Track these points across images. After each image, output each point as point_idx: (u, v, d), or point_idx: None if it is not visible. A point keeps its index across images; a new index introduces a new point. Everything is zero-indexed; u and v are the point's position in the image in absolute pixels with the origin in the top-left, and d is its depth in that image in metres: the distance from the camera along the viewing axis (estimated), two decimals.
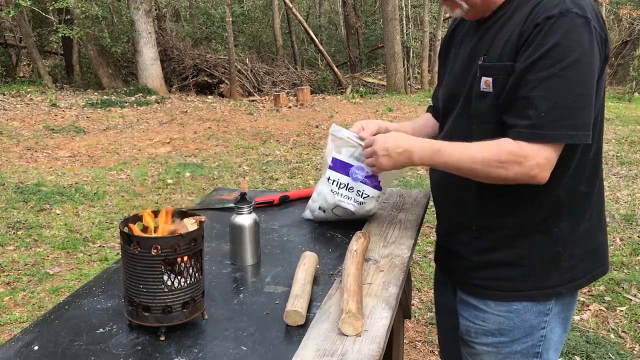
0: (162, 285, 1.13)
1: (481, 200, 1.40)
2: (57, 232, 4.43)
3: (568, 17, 1.23)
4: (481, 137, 1.32)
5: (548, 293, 1.41)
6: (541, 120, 1.23)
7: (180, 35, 15.00)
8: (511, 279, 1.41)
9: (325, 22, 21.05)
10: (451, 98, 1.48)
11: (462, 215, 1.46)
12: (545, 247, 1.39)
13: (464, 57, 1.45)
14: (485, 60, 1.34)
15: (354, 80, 13.96)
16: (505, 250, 1.40)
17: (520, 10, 1.32)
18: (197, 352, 1.10)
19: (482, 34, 1.40)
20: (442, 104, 1.54)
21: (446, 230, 1.56)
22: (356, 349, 1.08)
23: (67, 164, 6.57)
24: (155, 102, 11.08)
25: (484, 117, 1.35)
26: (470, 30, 1.47)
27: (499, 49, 1.32)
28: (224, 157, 6.96)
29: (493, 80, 1.31)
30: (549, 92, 1.23)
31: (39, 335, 1.16)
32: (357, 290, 1.22)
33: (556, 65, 1.22)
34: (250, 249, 1.50)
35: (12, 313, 3.24)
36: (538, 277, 1.40)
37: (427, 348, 2.89)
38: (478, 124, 1.37)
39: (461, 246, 1.48)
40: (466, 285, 1.49)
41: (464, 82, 1.41)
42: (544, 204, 1.36)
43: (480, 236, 1.43)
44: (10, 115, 9.24)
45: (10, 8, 11.33)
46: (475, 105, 1.36)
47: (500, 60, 1.31)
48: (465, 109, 1.40)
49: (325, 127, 8.79)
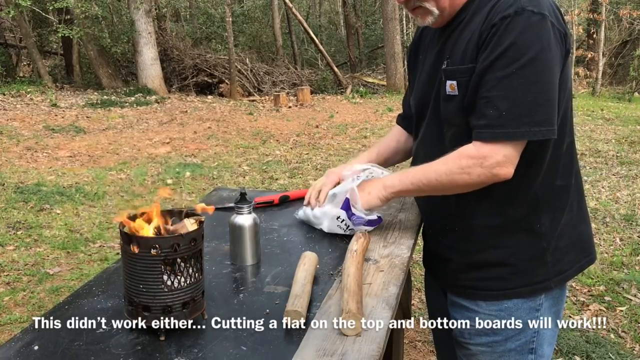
0: (162, 285, 1.13)
1: (461, 202, 1.42)
2: (57, 232, 4.43)
3: (523, 16, 1.24)
4: (453, 140, 1.35)
5: (537, 288, 1.42)
6: (501, 119, 1.25)
7: (180, 35, 15.00)
8: (499, 278, 1.42)
9: (325, 22, 21.05)
10: (422, 104, 1.50)
11: (444, 218, 1.49)
12: (529, 244, 1.40)
13: (430, 62, 1.46)
14: (449, 64, 1.36)
15: (354, 80, 13.96)
16: (490, 250, 1.42)
17: (480, 12, 1.33)
18: (197, 352, 1.10)
19: (445, 39, 1.42)
20: (414, 110, 1.56)
21: (431, 234, 1.58)
22: (356, 349, 1.08)
23: (67, 164, 6.57)
24: (155, 102, 11.08)
25: (453, 120, 1.37)
26: (435, 35, 1.49)
27: (461, 51, 1.34)
28: (224, 157, 6.96)
29: (457, 83, 1.33)
30: (508, 91, 1.25)
31: (39, 335, 1.16)
32: (357, 290, 1.21)
33: (513, 64, 1.24)
34: (250, 249, 1.50)
35: (12, 313, 3.24)
36: (525, 273, 1.41)
37: (427, 348, 2.89)
38: (449, 127, 1.40)
39: (447, 249, 1.51)
40: (456, 287, 1.51)
41: (431, 87, 1.43)
42: (523, 201, 1.38)
43: (464, 238, 1.45)
44: (10, 115, 9.24)
45: (10, 8, 11.34)
46: (443, 109, 1.39)
47: (462, 62, 1.33)
48: (435, 114, 1.43)
49: (325, 127, 8.79)
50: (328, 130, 8.58)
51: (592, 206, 4.95)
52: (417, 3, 1.38)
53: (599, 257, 3.91)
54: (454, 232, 1.47)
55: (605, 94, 13.18)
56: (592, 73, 13.92)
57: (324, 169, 6.31)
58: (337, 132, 8.38)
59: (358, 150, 7.14)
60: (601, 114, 9.48)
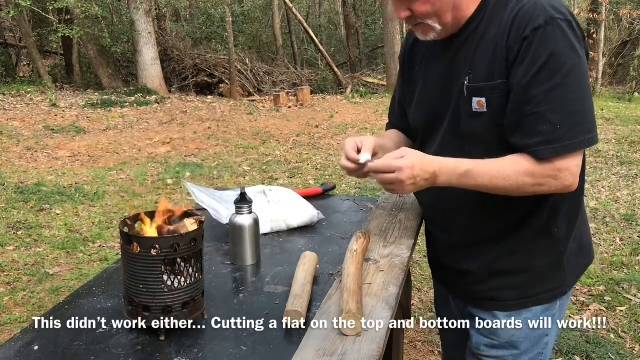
0: (162, 285, 1.13)
1: (482, 215, 1.39)
2: (57, 232, 4.43)
3: (554, 24, 1.22)
4: (475, 157, 1.30)
5: (555, 294, 1.41)
6: (557, 132, 1.21)
7: (180, 35, 15.00)
8: (518, 287, 1.40)
9: (325, 22, 21.04)
10: (431, 119, 1.44)
11: (463, 232, 1.44)
12: (548, 249, 1.39)
13: (438, 75, 1.40)
14: (472, 80, 1.31)
15: (354, 80, 13.95)
16: (510, 258, 1.39)
17: (494, 21, 1.29)
18: (197, 352, 1.10)
19: (456, 51, 1.36)
20: (420, 124, 1.50)
21: (446, 249, 1.52)
22: (356, 349, 1.08)
23: (67, 164, 6.57)
24: (155, 102, 11.08)
25: (479, 137, 1.33)
26: (435, 45, 1.42)
27: (485, 67, 1.29)
28: (224, 157, 6.96)
29: (487, 100, 1.28)
30: (557, 103, 1.21)
31: (39, 335, 1.16)
32: (357, 290, 1.21)
33: (557, 75, 1.21)
34: (250, 249, 1.50)
35: (12, 313, 3.24)
36: (544, 280, 1.40)
37: (427, 348, 2.89)
38: (471, 144, 1.35)
39: (464, 261, 1.46)
40: (473, 299, 1.48)
41: (446, 103, 1.38)
42: (544, 206, 1.35)
43: (483, 249, 1.41)
44: (10, 115, 9.24)
45: (10, 8, 11.34)
46: (466, 126, 1.34)
47: (489, 79, 1.28)
48: (454, 130, 1.37)
49: (325, 127, 8.79)
50: (328, 130, 8.58)
51: (592, 206, 4.95)
52: (418, 20, 1.33)
53: (599, 257, 3.91)
54: (472, 244, 1.43)
55: (605, 94, 13.17)
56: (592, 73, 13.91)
57: (324, 169, 6.31)
58: (337, 132, 8.38)
59: None
60: (601, 114, 9.48)
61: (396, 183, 1.27)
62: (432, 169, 1.28)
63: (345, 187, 5.61)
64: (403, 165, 1.26)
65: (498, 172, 1.26)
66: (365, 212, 1.89)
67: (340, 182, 5.74)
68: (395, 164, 1.27)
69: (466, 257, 1.45)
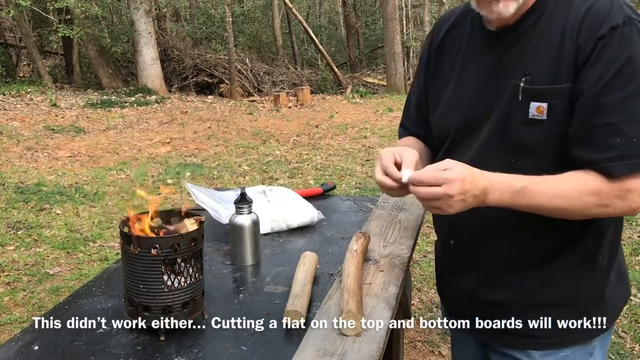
0: (162, 285, 1.13)
1: (522, 238, 1.22)
2: (57, 232, 4.43)
3: (632, 25, 1.07)
4: (523, 172, 1.12)
5: (596, 331, 1.26)
6: (632, 147, 1.06)
7: (180, 35, 15.00)
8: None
9: (325, 22, 21.04)
10: (467, 125, 1.25)
11: (499, 258, 1.25)
12: (591, 280, 1.24)
13: (480, 74, 1.23)
14: (529, 82, 1.13)
15: (354, 80, 13.95)
16: (550, 288, 1.23)
17: (558, 16, 1.13)
18: (197, 352, 1.10)
19: (507, 47, 1.18)
20: (451, 132, 1.29)
21: (474, 279, 1.30)
22: (356, 349, 1.08)
23: (67, 164, 6.57)
24: (155, 102, 11.08)
25: (532, 148, 1.15)
26: (476, 41, 1.25)
27: (547, 67, 1.12)
28: (224, 157, 6.96)
29: (548, 106, 1.11)
30: (633, 114, 1.06)
31: (39, 335, 1.16)
32: (357, 290, 1.21)
33: (633, 82, 1.06)
34: (250, 249, 1.50)
35: (12, 313, 3.24)
36: (585, 313, 1.24)
37: (427, 348, 2.89)
38: (521, 156, 1.16)
39: (496, 292, 1.27)
40: (504, 336, 1.29)
41: (488, 107, 1.20)
42: (591, 230, 1.20)
43: (520, 278, 1.24)
44: (10, 115, 9.24)
45: (10, 8, 11.34)
46: (518, 135, 1.15)
47: (553, 81, 1.11)
48: (498, 139, 1.19)
49: (325, 127, 8.79)
50: (328, 130, 8.58)
51: None
52: None
53: None
54: (509, 272, 1.25)
55: None
56: None
57: (324, 169, 6.31)
58: (337, 132, 8.37)
59: (358, 150, 7.15)
60: None
61: (443, 198, 1.07)
62: (483, 184, 1.08)
63: (345, 187, 5.61)
64: (453, 177, 1.05)
65: (559, 191, 1.09)
66: (365, 212, 1.89)
67: (340, 182, 5.74)
68: (443, 175, 1.06)
69: (499, 287, 1.26)
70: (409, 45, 14.87)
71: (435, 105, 1.34)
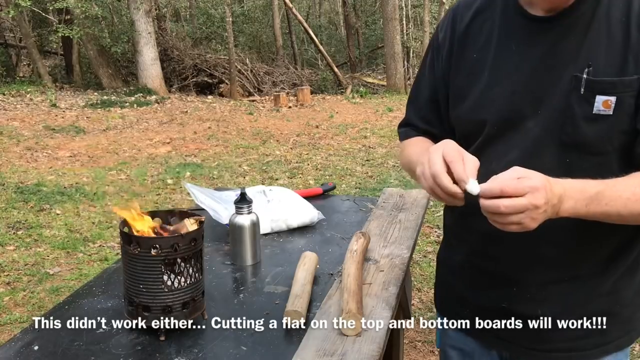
0: (162, 285, 1.13)
1: (578, 247, 1.11)
2: (57, 232, 4.43)
3: None
4: (580, 174, 1.00)
5: (633, 336, 1.19)
6: None
7: (180, 35, 15.00)
8: (600, 332, 1.15)
9: (325, 22, 21.04)
10: (508, 121, 1.11)
11: (548, 270, 1.14)
12: (631, 285, 1.17)
13: (525, 64, 1.09)
14: (593, 73, 1.02)
15: (354, 80, 13.96)
16: (599, 299, 1.14)
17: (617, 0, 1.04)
18: (197, 352, 1.10)
19: (561, 33, 1.06)
20: (487, 128, 1.14)
21: (516, 293, 1.18)
22: (356, 349, 1.08)
23: (67, 164, 6.57)
24: (155, 102, 11.08)
25: (594, 147, 1.05)
26: (514, 27, 1.12)
27: (612, 57, 1.03)
28: (224, 157, 6.96)
29: (616, 100, 1.01)
30: None
31: (39, 335, 1.16)
32: (357, 290, 1.21)
33: None
34: (250, 249, 1.50)
35: (12, 313, 3.24)
36: (625, 320, 1.17)
37: (427, 348, 2.89)
38: (579, 155, 1.06)
39: (540, 306, 1.16)
40: (541, 352, 1.19)
41: (536, 100, 1.08)
42: (638, 234, 1.13)
43: (569, 290, 1.14)
44: (10, 115, 9.24)
45: (10, 8, 11.34)
46: (577, 132, 1.04)
47: (622, 73, 1.01)
48: (550, 137, 1.07)
49: (325, 127, 8.79)
50: (328, 130, 8.58)
51: None
52: None
53: None
54: (557, 284, 1.14)
55: None
56: None
57: (324, 169, 6.31)
58: (337, 132, 8.37)
59: (358, 150, 7.15)
60: None
61: (529, 210, 0.91)
62: (558, 191, 0.95)
63: (345, 187, 5.61)
64: (538, 185, 0.91)
65: (634, 194, 0.98)
66: (365, 212, 1.89)
67: (340, 182, 5.74)
68: (526, 184, 0.91)
69: (542, 300, 1.16)
70: (409, 45, 14.87)
71: (460, 98, 1.18)
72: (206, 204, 1.73)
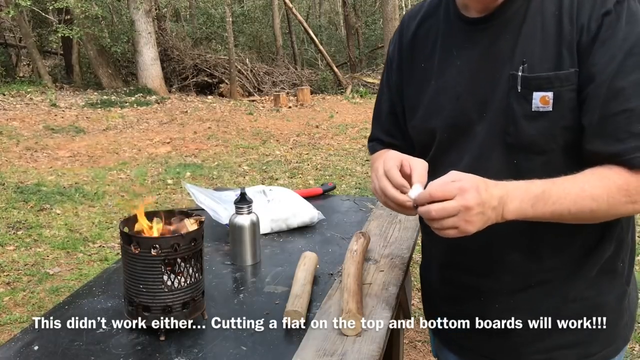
0: (162, 285, 1.13)
1: (538, 251, 1.08)
2: (57, 232, 4.43)
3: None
4: (530, 175, 0.97)
5: (619, 345, 1.14)
6: None
7: (180, 35, 15.00)
8: (582, 343, 1.10)
9: (325, 22, 21.04)
10: (457, 127, 1.09)
11: (516, 278, 1.10)
12: (614, 290, 1.12)
13: (465, 67, 1.08)
14: (529, 69, 0.99)
15: (354, 80, 13.95)
16: (571, 306, 1.09)
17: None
18: (197, 352, 1.10)
19: (495, 34, 1.04)
20: (437, 136, 1.13)
21: (486, 304, 1.14)
22: (356, 349, 1.08)
23: (67, 164, 6.57)
24: (155, 102, 11.08)
25: (539, 146, 1.01)
26: (455, 31, 1.11)
27: (548, 52, 0.99)
28: (224, 157, 6.96)
29: (554, 95, 0.98)
30: None
31: (39, 335, 1.16)
32: (357, 290, 1.21)
33: None
34: (250, 249, 1.50)
35: (12, 313, 3.24)
36: (610, 328, 1.10)
37: (427, 348, 2.89)
38: (526, 155, 1.02)
39: (509, 315, 1.11)
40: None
41: (480, 103, 1.05)
42: (612, 235, 1.08)
43: (537, 297, 1.10)
44: (10, 115, 9.24)
45: (10, 8, 11.34)
46: (520, 132, 1.01)
47: (557, 67, 0.98)
48: (496, 139, 1.04)
49: (325, 127, 8.79)
50: (328, 130, 8.58)
51: None
52: None
53: None
54: (525, 291, 1.10)
55: None
56: None
57: (324, 169, 6.31)
58: (337, 132, 8.37)
59: (358, 150, 7.15)
60: None
61: (460, 213, 0.89)
62: (498, 192, 0.92)
63: (345, 187, 5.61)
64: (467, 186, 0.89)
65: (583, 191, 0.94)
66: (365, 212, 1.89)
67: (340, 182, 5.74)
68: (454, 186, 0.90)
69: (512, 309, 1.11)
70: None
71: (414, 109, 1.18)
72: (206, 204, 1.73)
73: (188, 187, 1.82)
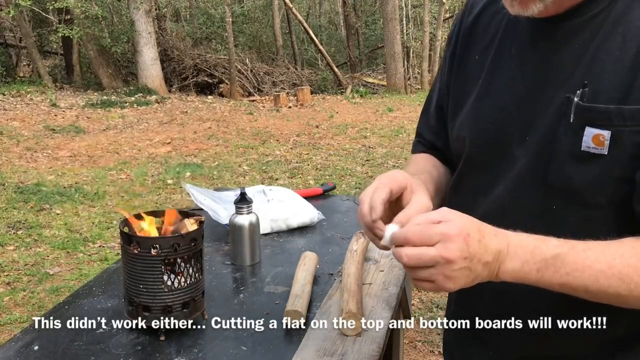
0: (162, 285, 1.13)
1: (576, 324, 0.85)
2: (57, 232, 4.43)
3: None
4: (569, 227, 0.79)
5: None
6: None
7: (180, 35, 15.01)
8: None
9: (325, 22, 21.04)
10: (492, 146, 0.88)
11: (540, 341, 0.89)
12: None
13: (519, 74, 0.86)
14: (587, 96, 0.77)
15: (354, 80, 13.96)
16: None
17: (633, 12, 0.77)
18: (197, 352, 1.10)
19: (560, 41, 0.81)
20: (468, 149, 0.92)
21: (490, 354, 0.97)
22: (356, 349, 1.08)
23: (67, 164, 6.57)
24: (155, 102, 11.08)
25: (583, 196, 0.79)
26: (518, 26, 0.87)
27: (616, 78, 0.76)
28: (224, 157, 6.96)
29: (611, 136, 0.75)
30: None
31: (39, 335, 1.16)
32: (357, 290, 1.21)
33: None
34: (250, 249, 1.50)
35: (12, 313, 3.24)
36: None
37: (427, 348, 2.89)
38: (569, 205, 0.81)
39: None
40: None
41: (525, 124, 0.84)
42: None
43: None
44: (10, 115, 9.24)
45: (10, 8, 11.34)
46: (562, 173, 0.80)
47: (624, 100, 0.75)
48: (536, 174, 0.83)
49: (325, 127, 8.79)
50: (328, 130, 8.58)
51: None
52: None
53: None
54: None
55: None
56: None
57: (324, 169, 6.31)
58: (337, 132, 8.38)
59: (358, 150, 7.15)
60: None
61: (439, 265, 0.70)
62: (496, 245, 0.73)
63: (345, 187, 5.61)
64: (452, 233, 0.70)
65: (610, 267, 0.73)
66: None
67: (340, 182, 5.74)
68: (437, 229, 0.71)
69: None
70: (409, 45, 14.88)
71: (457, 109, 0.96)
72: (205, 205, 1.73)
73: (188, 187, 1.82)
